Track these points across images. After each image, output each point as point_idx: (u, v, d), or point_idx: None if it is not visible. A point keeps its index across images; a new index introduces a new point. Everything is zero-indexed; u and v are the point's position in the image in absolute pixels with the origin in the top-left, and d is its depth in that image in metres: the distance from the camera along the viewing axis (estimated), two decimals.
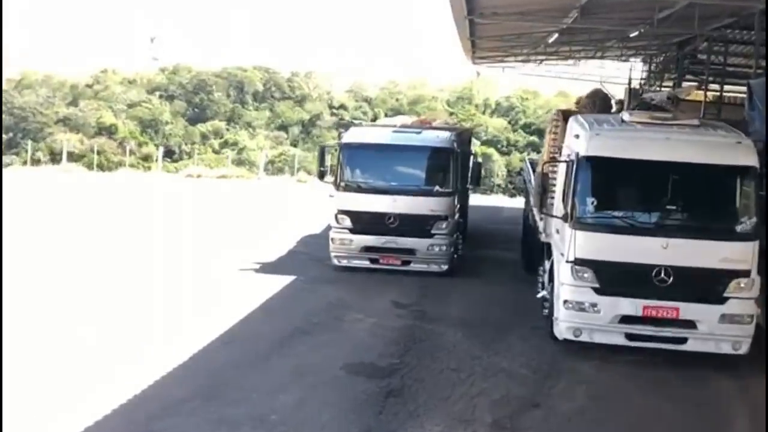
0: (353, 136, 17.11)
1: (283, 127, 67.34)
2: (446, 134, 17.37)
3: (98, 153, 53.06)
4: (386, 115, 52.13)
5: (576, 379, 10.57)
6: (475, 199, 28.30)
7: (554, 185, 12.97)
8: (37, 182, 32.86)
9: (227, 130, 64.86)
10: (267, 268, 16.68)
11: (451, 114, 63.79)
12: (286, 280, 15.51)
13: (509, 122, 66.05)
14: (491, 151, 59.05)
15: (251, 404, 8.99)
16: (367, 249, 16.20)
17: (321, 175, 16.90)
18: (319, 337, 11.89)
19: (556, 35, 20.61)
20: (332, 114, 65.00)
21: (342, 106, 69.12)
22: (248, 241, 19.88)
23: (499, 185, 53.02)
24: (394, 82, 73.34)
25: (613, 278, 11.07)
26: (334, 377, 10.05)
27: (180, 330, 11.77)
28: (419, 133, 17.43)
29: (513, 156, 56.86)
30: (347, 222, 16.23)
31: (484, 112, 68.33)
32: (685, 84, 22.63)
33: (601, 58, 26.62)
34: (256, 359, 10.65)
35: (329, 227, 16.68)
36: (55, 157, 50.62)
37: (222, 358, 10.62)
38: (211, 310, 12.95)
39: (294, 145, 61.62)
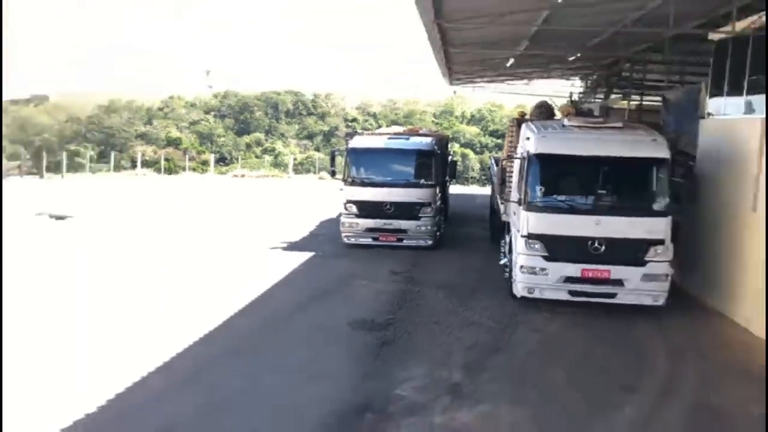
0: (357, 142, 16.79)
1: (309, 137, 67.23)
2: (429, 140, 17.05)
3: (167, 160, 52.90)
4: (387, 126, 51.81)
5: (530, 328, 10.33)
6: (456, 189, 28.14)
7: (511, 177, 12.72)
8: (120, 185, 32.59)
9: (266, 140, 64.90)
10: (292, 246, 16.42)
11: (437, 124, 63.39)
12: (306, 255, 15.25)
13: (481, 129, 65.79)
14: (468, 151, 58.93)
15: (274, 358, 8.76)
16: (370, 230, 15.94)
17: (332, 174, 16.67)
18: (332, 300, 11.65)
19: (512, 60, 20.16)
20: (346, 126, 64.71)
21: (354, 120, 68.91)
22: (278, 226, 19.55)
23: (474, 177, 52.80)
24: (393, 101, 73.15)
25: (558, 248, 10.81)
26: (341, 332, 9.83)
27: (221, 298, 11.47)
28: (408, 139, 17.07)
29: (485, 155, 56.48)
30: (354, 209, 15.96)
31: (462, 122, 68.01)
32: (613, 96, 22.32)
33: (548, 77, 26.19)
34: (281, 318, 10.42)
35: (340, 214, 16.41)
36: (134, 165, 50.46)
37: (250, 320, 10.31)
38: (247, 281, 12.65)
39: (317, 150, 61.45)
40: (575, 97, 27.35)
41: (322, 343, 9.33)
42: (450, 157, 21.73)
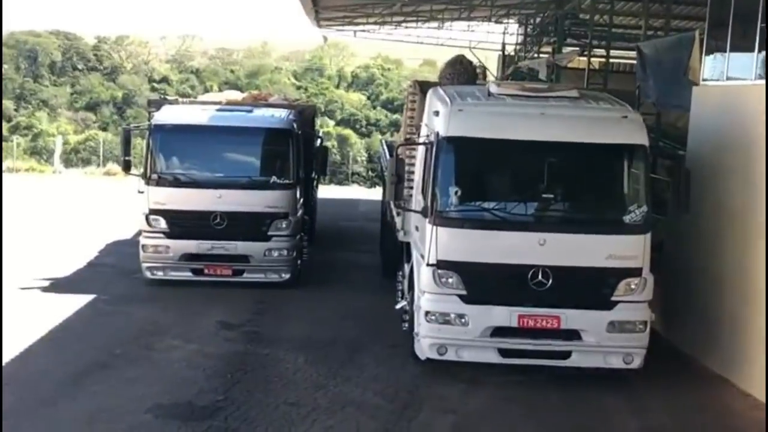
0: (166, 116, 16.56)
1: (91, 107, 65.56)
2: (283, 113, 17.15)
3: None
4: (218, 91, 51.41)
5: (440, 407, 10.49)
6: (327, 192, 28.25)
7: (412, 173, 12.91)
8: None
9: (16, 110, 62.59)
10: (58, 286, 16.02)
11: (299, 88, 63.64)
12: (82, 300, 14.89)
13: (368, 97, 66.53)
14: (348, 132, 59.25)
15: None
16: (189, 257, 15.84)
17: (126, 166, 16.29)
18: (123, 372, 11.36)
19: None
20: (153, 89, 63.51)
21: (163, 79, 67.88)
22: (35, 253, 18.96)
23: (357, 173, 53.09)
24: (226, 50, 72.56)
25: (482, 283, 11.08)
26: (138, 423, 9.58)
27: None
28: (250, 111, 17.08)
29: (374, 137, 57.09)
30: (162, 224, 15.77)
31: (338, 86, 68.56)
32: (566, 49, 23.09)
33: (469, 19, 26.87)
34: (37, 404, 9.99)
35: (140, 232, 16.13)
36: None
37: None
38: None
39: (103, 129, 59.92)
40: (509, 50, 28.31)
41: None
42: (319, 141, 21.85)
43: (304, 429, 9.65)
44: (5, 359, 11.50)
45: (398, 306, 13.40)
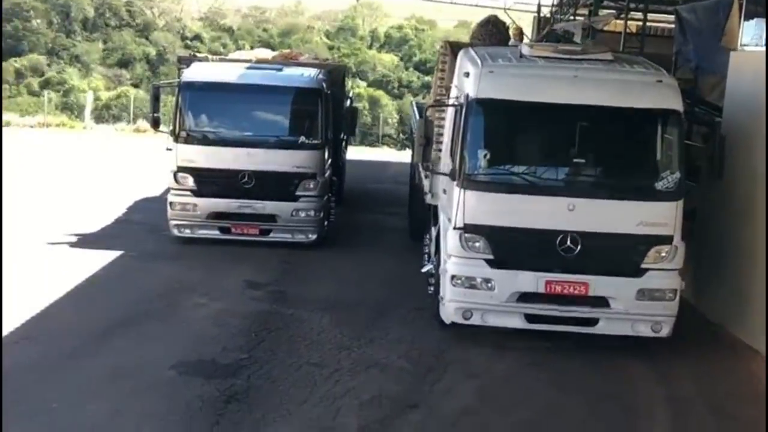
0: (196, 73, 16.53)
1: (123, 64, 65.50)
2: (313, 72, 17.05)
3: None
4: (250, 49, 51.27)
5: (464, 371, 10.48)
6: (357, 153, 28.19)
7: (441, 135, 12.83)
8: None
9: (49, 66, 62.62)
10: (86, 242, 16.06)
11: (331, 49, 63.36)
12: (109, 256, 14.94)
13: (401, 59, 66.17)
14: (379, 93, 58.95)
15: (51, 419, 8.48)
16: (216, 216, 15.83)
17: (155, 123, 16.34)
18: (148, 328, 11.43)
19: None
20: (186, 47, 63.28)
21: (197, 38, 67.73)
22: (64, 209, 19.00)
23: (388, 136, 52.83)
24: (259, 8, 72.34)
25: (509, 248, 11.02)
26: (162, 380, 9.64)
27: None
28: (280, 70, 17.01)
29: (406, 99, 56.71)
30: (190, 182, 15.76)
31: (371, 47, 68.25)
32: (602, 12, 22.84)
33: None
34: (61, 361, 10.06)
35: (168, 189, 16.13)
36: None
37: (15, 359, 9.88)
38: (10, 296, 12.20)
39: (135, 86, 59.82)
40: (545, 12, 28.00)
41: (129, 398, 9.12)
42: (348, 102, 21.77)
43: (326, 389, 9.66)
44: (31, 314, 11.59)
45: (424, 269, 13.34)
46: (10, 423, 8.27)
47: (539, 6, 27.83)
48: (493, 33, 14.43)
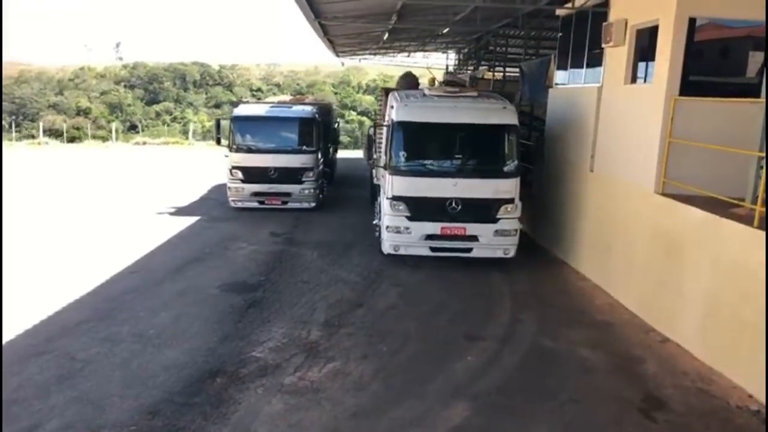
0: (241, 110, 15.85)
1: (217, 106, 64.14)
2: (310, 108, 16.28)
3: (76, 129, 49.16)
4: (291, 96, 50.25)
5: (393, 282, 10.01)
6: (350, 154, 27.48)
7: (380, 143, 12.24)
8: (16, 153, 29.74)
9: (175, 108, 61.51)
10: (180, 211, 15.38)
11: (336, 94, 62.18)
12: (191, 219, 14.31)
13: (375, 98, 64.87)
14: (364, 118, 58.09)
15: (136, 322, 7.98)
16: (255, 194, 15.15)
17: (218, 141, 15.60)
18: (208, 263, 10.87)
19: (387, 34, 19.49)
20: (252, 95, 62.08)
21: (258, 89, 66.36)
22: (170, 191, 18.30)
23: None
24: (295, 72, 71.03)
25: (419, 208, 10.48)
26: (210, 295, 9.12)
27: (100, 263, 10.50)
28: (290, 107, 16.33)
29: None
30: (239, 174, 15.07)
31: (358, 92, 66.94)
32: (481, 67, 22.20)
33: (425, 50, 25.74)
34: (151, 284, 9.53)
35: (227, 179, 15.42)
36: (44, 133, 46.57)
37: (124, 285, 9.43)
38: (129, 246, 11.66)
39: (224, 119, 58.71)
40: (450, 68, 27.23)
41: (188, 307, 8.61)
42: (336, 125, 21.03)
43: (310, 297, 9.18)
44: (137, 257, 11.02)
45: (374, 222, 12.80)
46: (112, 326, 7.75)
47: (447, 65, 27.10)
48: (408, 81, 13.76)
